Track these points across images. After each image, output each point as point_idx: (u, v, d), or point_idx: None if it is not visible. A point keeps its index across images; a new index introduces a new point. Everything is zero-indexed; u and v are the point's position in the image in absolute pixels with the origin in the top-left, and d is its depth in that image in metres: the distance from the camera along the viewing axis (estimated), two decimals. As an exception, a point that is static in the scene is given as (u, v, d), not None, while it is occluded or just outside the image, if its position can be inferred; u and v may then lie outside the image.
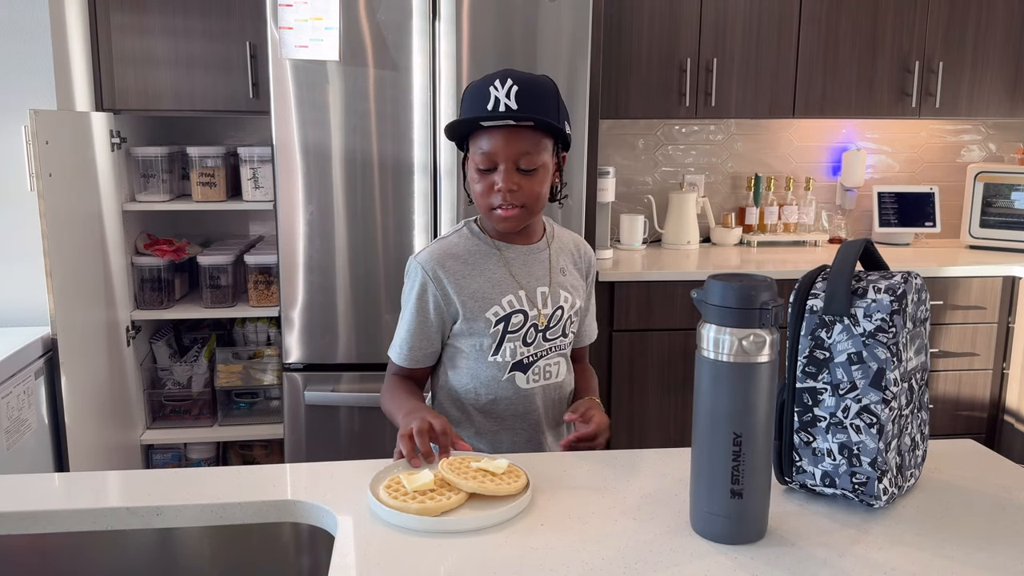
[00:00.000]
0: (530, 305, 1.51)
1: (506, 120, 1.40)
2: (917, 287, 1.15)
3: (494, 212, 1.46)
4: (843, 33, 3.19)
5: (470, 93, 1.45)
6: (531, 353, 1.53)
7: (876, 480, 1.11)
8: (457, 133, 1.49)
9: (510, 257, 1.53)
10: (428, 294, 1.50)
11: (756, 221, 3.57)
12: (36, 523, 1.16)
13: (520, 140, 1.41)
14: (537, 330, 1.53)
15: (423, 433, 1.31)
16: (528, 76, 1.43)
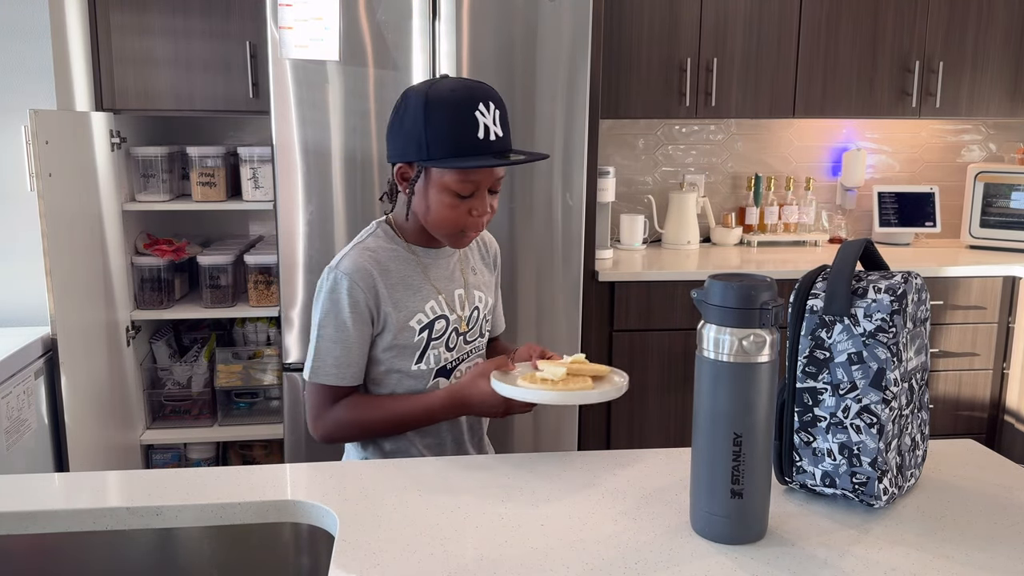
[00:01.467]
0: (449, 309, 1.49)
1: (517, 158, 1.39)
2: (917, 287, 1.15)
3: (461, 235, 1.42)
4: (843, 33, 3.19)
5: (452, 115, 1.34)
6: (454, 358, 1.50)
7: (876, 480, 1.11)
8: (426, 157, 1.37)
9: (426, 262, 1.48)
10: (361, 304, 1.40)
11: (756, 221, 3.57)
12: (36, 523, 1.16)
13: (502, 169, 1.41)
14: (458, 334, 1.50)
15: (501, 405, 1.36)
16: (493, 89, 1.40)
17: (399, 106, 1.39)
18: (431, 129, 1.34)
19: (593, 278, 2.93)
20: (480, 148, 1.35)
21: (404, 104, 1.38)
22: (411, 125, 1.36)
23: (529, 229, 2.63)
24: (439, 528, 1.11)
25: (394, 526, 1.11)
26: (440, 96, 1.35)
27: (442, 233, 1.43)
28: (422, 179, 1.40)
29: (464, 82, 1.38)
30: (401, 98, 1.39)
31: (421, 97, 1.35)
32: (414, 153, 1.37)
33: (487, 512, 1.15)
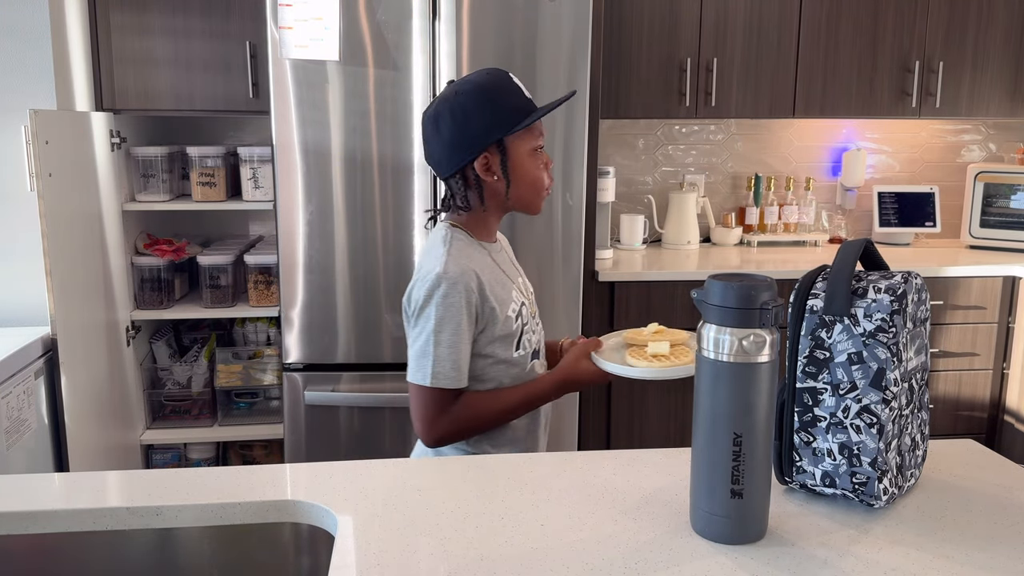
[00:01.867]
0: (523, 295, 1.58)
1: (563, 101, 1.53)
2: (917, 287, 1.15)
3: (546, 190, 1.53)
4: (843, 33, 3.19)
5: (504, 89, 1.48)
6: (536, 338, 1.60)
7: (876, 480, 1.11)
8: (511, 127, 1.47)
9: (495, 256, 1.55)
10: (473, 307, 1.45)
11: (756, 221, 3.57)
12: (36, 523, 1.16)
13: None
14: (532, 317, 1.60)
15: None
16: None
17: (442, 118, 1.46)
18: (497, 108, 1.45)
19: (593, 278, 2.93)
20: (532, 104, 1.49)
21: (451, 111, 1.45)
22: (476, 118, 1.44)
23: (529, 229, 2.63)
24: (439, 528, 1.11)
25: (394, 526, 1.11)
26: (483, 83, 1.47)
27: (535, 196, 1.52)
28: (504, 159, 1.48)
29: (482, 71, 1.52)
30: (438, 113, 1.46)
31: (470, 93, 1.45)
32: (491, 135, 1.46)
33: (487, 512, 1.15)
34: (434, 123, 1.47)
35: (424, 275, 1.46)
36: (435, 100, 1.49)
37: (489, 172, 1.48)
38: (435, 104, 1.47)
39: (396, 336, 2.63)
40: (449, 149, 1.47)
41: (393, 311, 2.62)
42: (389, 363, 2.66)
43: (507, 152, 1.47)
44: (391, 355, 2.65)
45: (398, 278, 2.60)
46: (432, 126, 1.47)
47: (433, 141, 1.48)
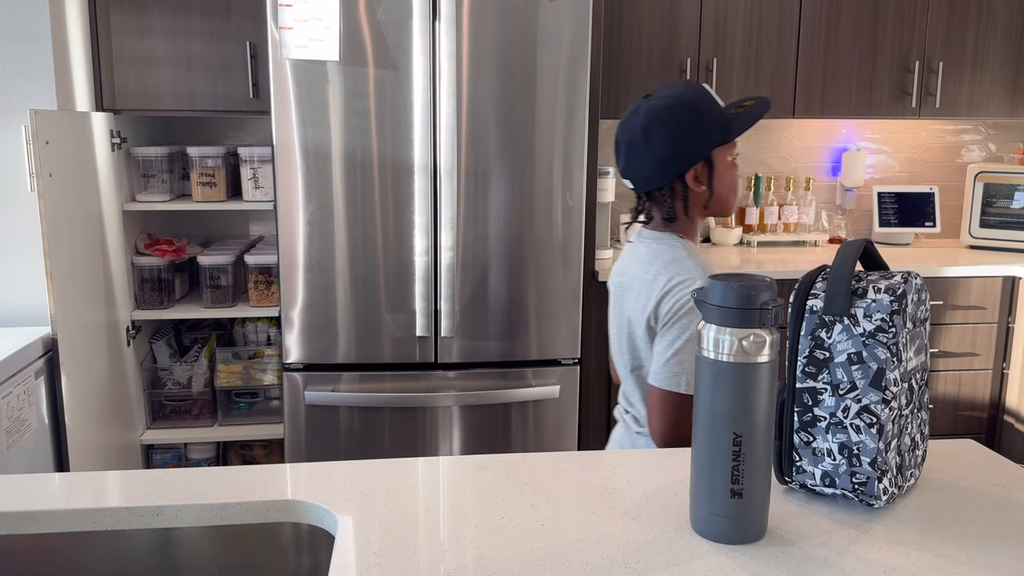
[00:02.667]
0: None
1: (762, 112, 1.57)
2: (917, 287, 1.15)
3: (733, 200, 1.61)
4: (843, 33, 3.19)
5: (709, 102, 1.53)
6: None
7: (876, 480, 1.11)
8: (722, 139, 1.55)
9: (705, 261, 1.62)
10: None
11: (756, 221, 3.57)
12: (36, 523, 1.16)
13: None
14: None
15: None
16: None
17: (654, 132, 1.50)
18: (709, 122, 1.52)
19: (593, 278, 2.93)
20: (729, 115, 1.55)
21: (665, 126, 1.50)
22: (691, 132, 1.51)
23: (529, 229, 2.63)
24: (439, 528, 1.11)
25: (394, 526, 1.11)
26: (691, 98, 1.52)
27: (731, 201, 1.61)
28: (711, 169, 1.55)
29: (681, 84, 1.57)
30: (648, 128, 1.51)
31: (682, 108, 1.50)
32: (705, 149, 1.53)
33: (487, 512, 1.15)
34: (644, 138, 1.51)
35: (681, 284, 1.50)
36: (637, 116, 1.53)
37: (697, 182, 1.55)
38: (640, 119, 1.51)
39: (396, 336, 2.64)
40: (660, 163, 1.52)
41: (393, 311, 2.62)
42: (389, 363, 2.66)
43: (713, 163, 1.55)
44: (391, 355, 2.65)
45: (398, 278, 2.60)
46: (642, 141, 1.51)
47: (642, 155, 1.53)
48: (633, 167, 1.55)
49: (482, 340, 2.67)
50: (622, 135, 1.55)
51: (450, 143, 2.52)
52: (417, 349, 2.65)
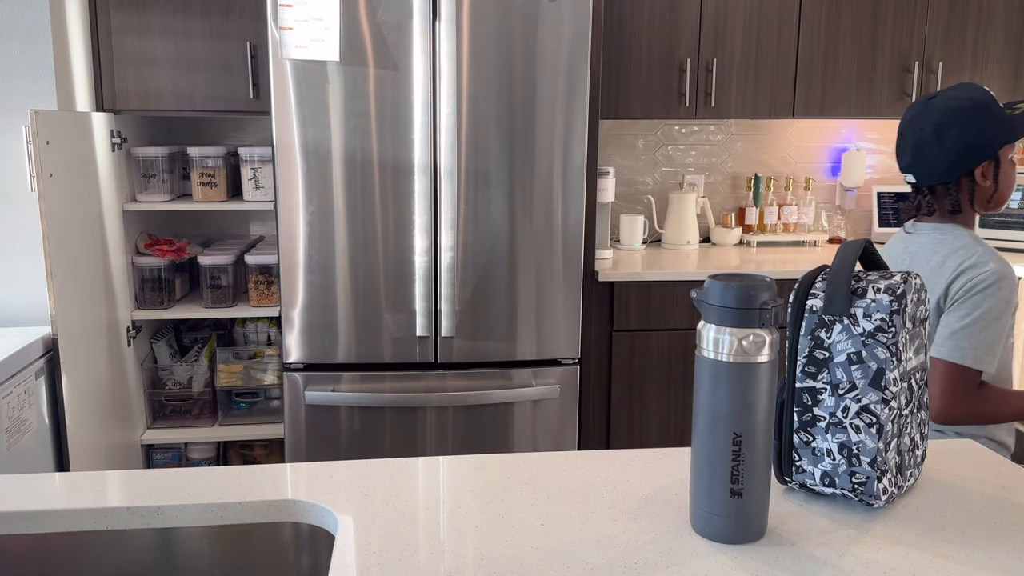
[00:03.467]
0: None
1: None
2: (916, 287, 1.15)
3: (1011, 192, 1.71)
4: (843, 33, 3.19)
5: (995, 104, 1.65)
6: None
7: (875, 480, 1.11)
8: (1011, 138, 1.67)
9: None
10: (1014, 304, 1.65)
11: (756, 221, 3.57)
12: (36, 523, 1.16)
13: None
14: None
15: None
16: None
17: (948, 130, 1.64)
18: (1000, 121, 1.64)
19: (593, 278, 2.94)
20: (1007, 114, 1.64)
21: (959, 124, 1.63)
22: (985, 130, 1.64)
23: (529, 229, 2.63)
24: (439, 528, 1.11)
25: (394, 526, 1.11)
26: (982, 98, 1.64)
27: (1008, 197, 1.72)
28: (997, 166, 1.68)
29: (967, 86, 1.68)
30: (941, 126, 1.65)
31: (974, 108, 1.63)
32: (995, 147, 1.66)
33: (487, 512, 1.15)
34: (936, 135, 1.65)
35: (976, 265, 1.63)
36: (927, 115, 1.66)
37: (984, 178, 1.69)
38: (934, 118, 1.65)
39: (396, 336, 2.64)
40: (952, 158, 1.66)
41: (394, 311, 2.62)
42: (389, 363, 2.66)
43: (1000, 160, 1.68)
44: (391, 355, 2.65)
45: (398, 278, 2.60)
46: (934, 138, 1.65)
47: (932, 151, 1.66)
48: (921, 162, 1.68)
49: (482, 340, 2.67)
50: (910, 133, 1.67)
51: (450, 143, 2.52)
52: (417, 349, 2.65)
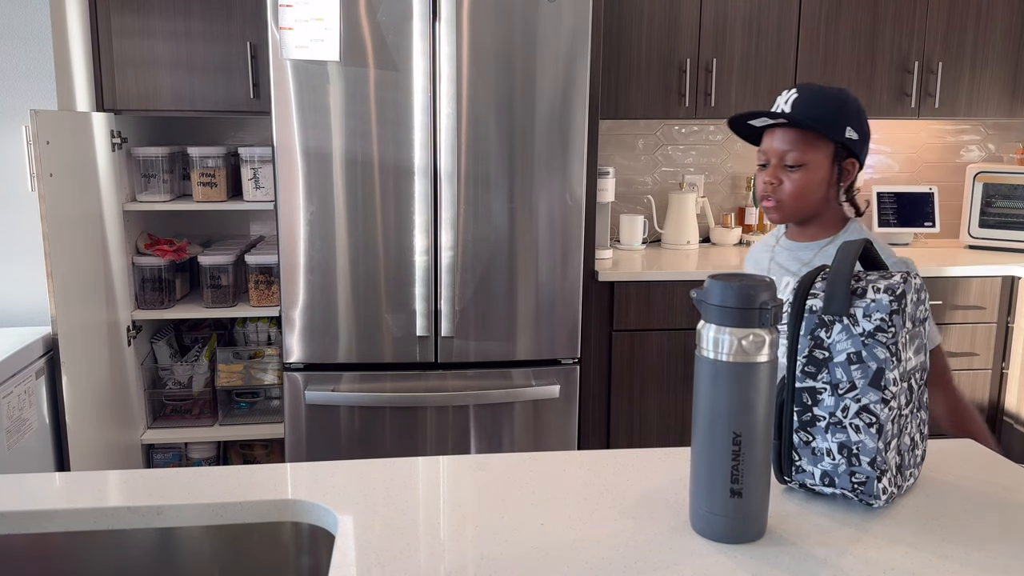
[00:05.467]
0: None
1: (763, 117, 1.57)
2: (916, 287, 1.15)
3: (762, 204, 1.65)
4: (842, 33, 3.19)
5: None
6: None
7: (875, 480, 1.11)
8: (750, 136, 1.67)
9: (777, 250, 1.71)
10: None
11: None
12: (36, 523, 1.17)
13: (785, 138, 1.58)
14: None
15: None
16: (818, 87, 1.59)
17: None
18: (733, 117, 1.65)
19: (593, 278, 2.94)
20: (751, 117, 1.58)
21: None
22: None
23: (529, 229, 2.63)
24: (439, 528, 1.11)
25: (394, 526, 1.11)
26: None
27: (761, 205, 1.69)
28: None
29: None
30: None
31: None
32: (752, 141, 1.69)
33: (487, 512, 1.15)
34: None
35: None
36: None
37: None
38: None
39: (396, 336, 2.64)
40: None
41: (394, 311, 2.62)
42: (390, 363, 2.66)
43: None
44: (391, 355, 2.65)
45: (398, 278, 2.61)
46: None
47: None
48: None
49: (482, 340, 2.67)
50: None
51: (450, 143, 2.52)
52: (417, 349, 2.65)
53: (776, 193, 1.61)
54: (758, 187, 1.66)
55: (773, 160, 1.61)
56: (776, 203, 1.62)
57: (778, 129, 1.60)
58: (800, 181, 1.59)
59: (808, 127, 1.56)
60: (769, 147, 1.61)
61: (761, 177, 1.64)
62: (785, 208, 1.62)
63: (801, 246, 1.68)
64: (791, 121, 1.56)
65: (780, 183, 1.60)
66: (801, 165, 1.58)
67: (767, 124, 1.60)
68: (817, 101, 1.57)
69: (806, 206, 1.63)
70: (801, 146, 1.57)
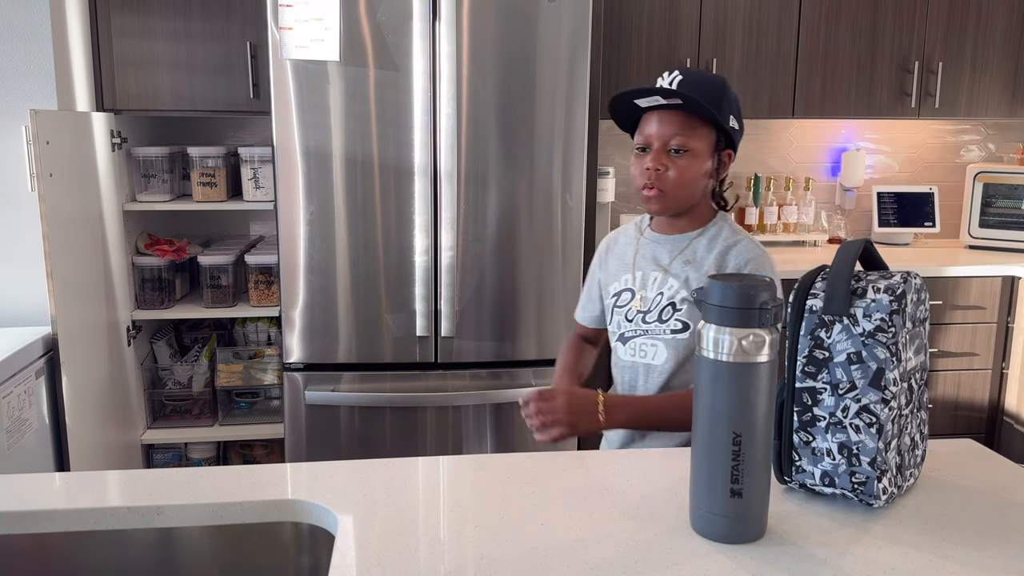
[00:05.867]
0: (640, 287, 1.60)
1: (654, 96, 1.44)
2: (916, 287, 1.15)
3: (642, 192, 1.54)
4: (843, 33, 3.19)
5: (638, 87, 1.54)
6: (630, 329, 1.62)
7: (875, 480, 1.11)
8: (624, 121, 1.59)
9: (643, 243, 1.63)
10: (595, 264, 1.74)
11: (756, 221, 3.57)
12: (36, 523, 1.16)
13: (672, 121, 1.47)
14: (637, 311, 1.60)
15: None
16: (698, 71, 1.49)
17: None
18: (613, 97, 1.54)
19: (593, 278, 2.93)
20: (638, 95, 1.47)
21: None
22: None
23: (529, 229, 2.63)
24: (439, 528, 1.11)
25: (394, 526, 1.11)
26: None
27: (637, 195, 1.59)
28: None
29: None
30: None
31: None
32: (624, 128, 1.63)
33: (487, 512, 1.15)
34: None
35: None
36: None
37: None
38: None
39: (396, 336, 2.64)
40: None
41: (394, 311, 2.62)
42: (390, 363, 2.66)
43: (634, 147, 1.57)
44: (392, 355, 2.65)
45: (398, 278, 2.60)
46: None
47: None
48: None
49: (482, 340, 2.67)
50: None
51: (450, 142, 2.52)
52: (417, 349, 2.65)
53: (660, 181, 1.49)
54: (636, 174, 1.54)
55: (656, 144, 1.49)
56: (659, 192, 1.50)
57: (663, 112, 1.48)
58: (686, 168, 1.48)
59: (704, 110, 1.45)
60: (653, 130, 1.49)
61: (641, 163, 1.52)
62: (668, 198, 1.51)
63: (670, 238, 1.59)
64: (687, 102, 1.44)
65: (665, 169, 1.48)
66: (687, 151, 1.48)
67: (658, 104, 1.48)
68: (704, 86, 1.48)
69: (689, 196, 1.52)
70: (688, 131, 1.47)
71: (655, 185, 1.50)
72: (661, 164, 1.49)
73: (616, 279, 1.65)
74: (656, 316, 1.58)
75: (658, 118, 1.49)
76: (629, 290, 1.62)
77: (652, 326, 1.59)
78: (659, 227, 1.62)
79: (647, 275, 1.60)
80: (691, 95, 1.43)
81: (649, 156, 1.50)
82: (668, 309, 1.57)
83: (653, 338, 1.59)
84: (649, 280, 1.59)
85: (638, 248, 1.63)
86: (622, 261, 1.65)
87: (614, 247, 1.70)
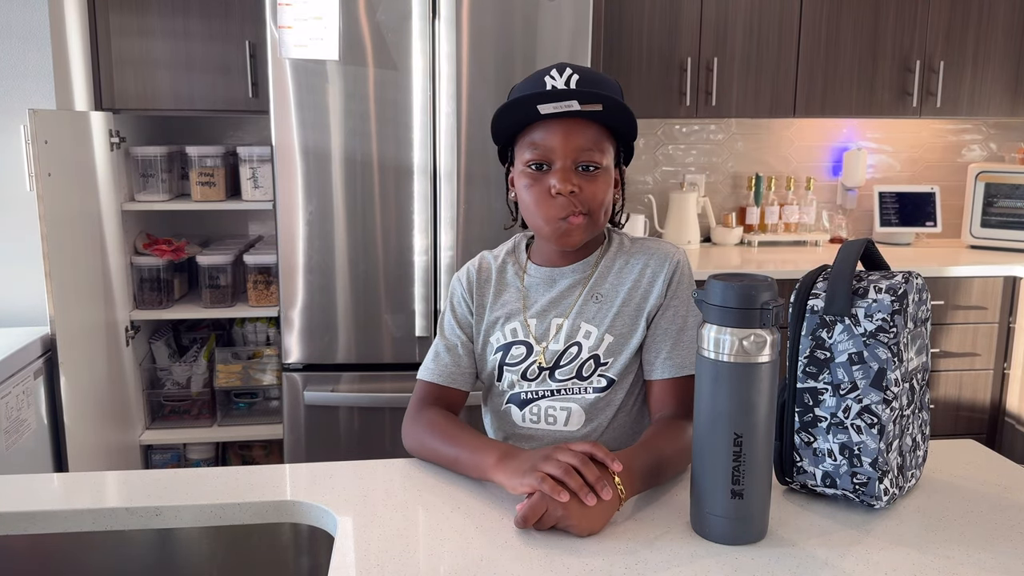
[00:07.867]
0: (537, 340, 1.32)
1: (570, 102, 1.16)
2: (918, 287, 1.15)
3: (557, 224, 1.23)
4: (844, 32, 3.19)
5: (520, 87, 1.24)
6: (529, 390, 1.33)
7: (877, 480, 1.11)
8: (504, 132, 1.27)
9: (529, 281, 1.34)
10: (456, 301, 1.39)
11: (757, 221, 3.56)
12: (35, 523, 1.16)
13: (582, 132, 1.21)
14: (541, 368, 1.31)
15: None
16: (589, 68, 1.23)
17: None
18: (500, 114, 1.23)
19: (593, 278, 2.93)
20: (546, 98, 1.18)
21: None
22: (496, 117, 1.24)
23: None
24: (439, 528, 1.10)
25: (394, 526, 1.11)
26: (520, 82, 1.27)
27: (536, 228, 1.27)
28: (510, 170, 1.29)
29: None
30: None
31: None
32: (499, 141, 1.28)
33: (487, 512, 1.15)
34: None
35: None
36: None
37: (511, 186, 1.32)
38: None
39: (396, 336, 2.63)
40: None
41: (393, 311, 2.61)
42: (389, 363, 2.65)
43: (513, 162, 1.28)
44: (391, 355, 2.64)
45: (398, 278, 2.60)
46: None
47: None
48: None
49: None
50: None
51: (449, 142, 2.52)
52: (417, 349, 2.65)
53: (584, 204, 1.22)
54: (539, 199, 1.22)
55: (562, 162, 1.21)
56: (586, 219, 1.23)
57: (570, 120, 1.20)
58: (604, 189, 1.23)
59: (627, 119, 1.21)
60: (556, 143, 1.20)
61: (542, 185, 1.22)
62: (594, 225, 1.25)
63: (565, 271, 1.32)
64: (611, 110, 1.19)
65: (580, 191, 1.21)
66: (598, 167, 1.22)
67: (569, 111, 1.18)
68: (605, 85, 1.22)
69: (604, 223, 1.28)
70: (602, 144, 1.22)
71: (580, 211, 1.22)
72: (575, 184, 1.21)
73: (499, 329, 1.34)
74: (573, 373, 1.30)
75: (563, 128, 1.20)
76: (523, 343, 1.31)
77: (567, 384, 1.30)
78: (546, 259, 1.34)
79: (545, 322, 1.31)
80: (612, 96, 1.18)
81: (553, 176, 1.22)
82: (590, 364, 1.29)
83: (565, 400, 1.30)
84: (550, 329, 1.31)
85: (523, 288, 1.34)
86: (503, 305, 1.35)
87: (486, 287, 1.37)
